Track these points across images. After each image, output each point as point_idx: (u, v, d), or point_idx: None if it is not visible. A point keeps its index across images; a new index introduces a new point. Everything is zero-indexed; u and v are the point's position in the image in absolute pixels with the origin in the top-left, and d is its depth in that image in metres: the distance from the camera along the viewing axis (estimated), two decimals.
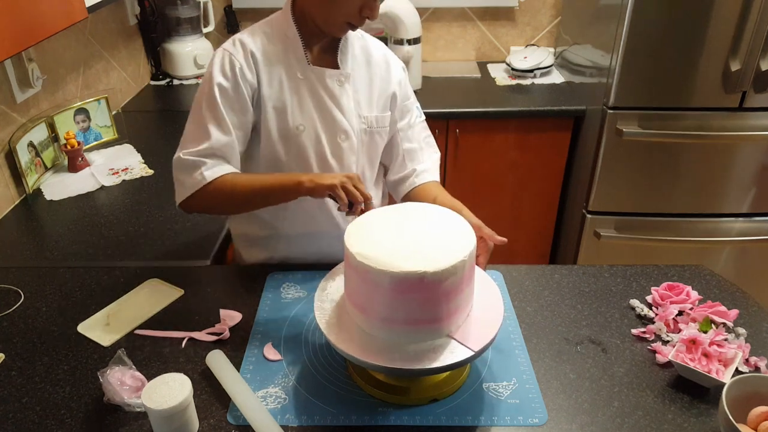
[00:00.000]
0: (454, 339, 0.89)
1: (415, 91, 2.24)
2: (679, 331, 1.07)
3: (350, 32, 1.18)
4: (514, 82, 2.36)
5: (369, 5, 1.09)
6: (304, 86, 1.16)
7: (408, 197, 1.29)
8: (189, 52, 2.40)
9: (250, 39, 1.14)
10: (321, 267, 1.26)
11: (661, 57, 1.84)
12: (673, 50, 1.83)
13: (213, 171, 1.10)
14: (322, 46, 1.19)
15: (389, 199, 1.44)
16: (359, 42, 1.24)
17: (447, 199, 1.21)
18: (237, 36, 1.15)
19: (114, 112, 1.97)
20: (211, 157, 1.11)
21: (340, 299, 0.99)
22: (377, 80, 1.24)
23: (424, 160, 1.32)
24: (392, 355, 0.87)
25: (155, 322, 1.12)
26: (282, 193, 1.10)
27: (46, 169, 1.71)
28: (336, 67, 1.19)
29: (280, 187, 1.09)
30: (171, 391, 0.86)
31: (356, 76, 1.21)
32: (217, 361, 0.99)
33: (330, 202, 1.20)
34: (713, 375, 0.94)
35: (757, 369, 1.00)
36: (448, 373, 0.96)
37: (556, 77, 2.39)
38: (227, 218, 1.45)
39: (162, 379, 0.88)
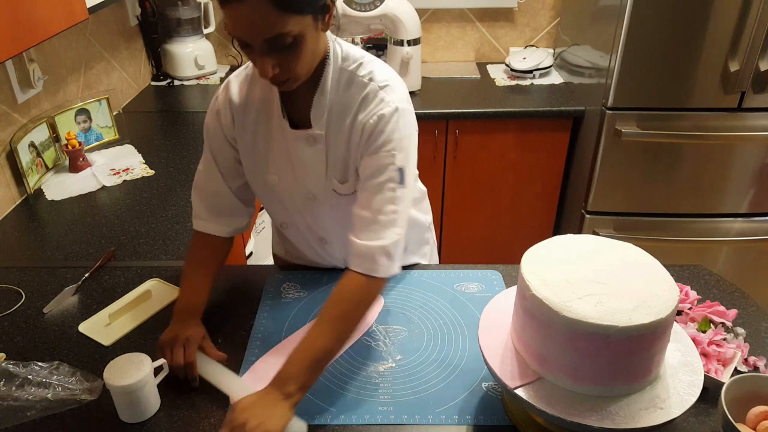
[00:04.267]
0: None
1: (415, 92, 2.27)
2: None
3: (332, 77, 0.98)
4: (514, 82, 2.37)
5: (259, 68, 0.88)
6: (279, 138, 1.04)
7: None
8: (190, 53, 2.40)
9: (236, 83, 1.06)
10: (322, 268, 1.27)
11: (660, 57, 1.85)
12: (672, 51, 1.84)
13: (195, 222, 1.14)
14: (300, 94, 1.00)
15: None
16: (349, 88, 0.99)
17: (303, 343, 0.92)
18: (231, 76, 1.07)
19: (115, 113, 1.97)
20: (201, 209, 1.13)
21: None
22: (348, 141, 1.01)
23: (367, 238, 0.96)
24: (598, 413, 0.78)
25: (156, 321, 1.13)
26: None
27: (47, 169, 1.72)
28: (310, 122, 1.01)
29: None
30: (131, 369, 0.90)
31: (332, 134, 1.01)
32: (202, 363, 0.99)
33: (324, 245, 1.20)
34: (712, 374, 0.94)
35: (756, 368, 1.00)
36: None
37: (555, 78, 2.40)
38: None
39: (124, 358, 0.93)
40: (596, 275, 0.82)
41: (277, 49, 0.86)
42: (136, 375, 0.90)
